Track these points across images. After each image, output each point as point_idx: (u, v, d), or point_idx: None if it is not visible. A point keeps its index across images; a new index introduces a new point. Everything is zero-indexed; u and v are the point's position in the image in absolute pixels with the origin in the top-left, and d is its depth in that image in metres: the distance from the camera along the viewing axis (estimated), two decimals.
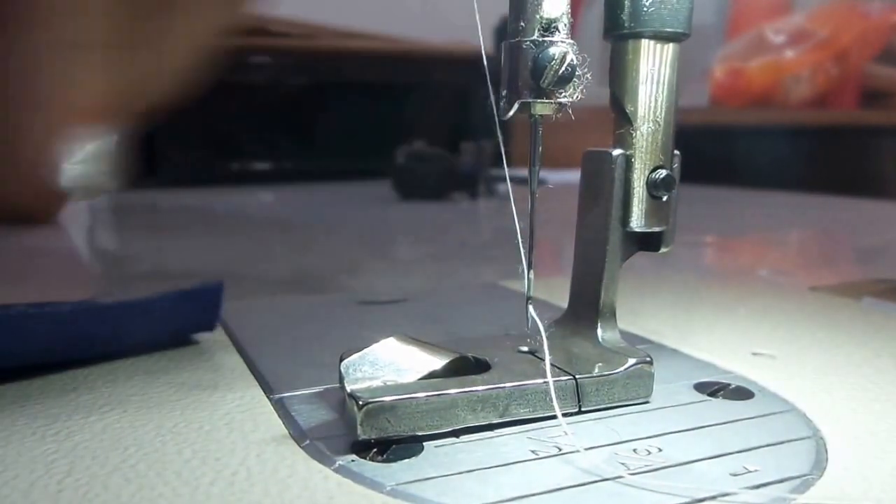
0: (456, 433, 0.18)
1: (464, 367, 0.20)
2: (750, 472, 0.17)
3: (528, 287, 0.21)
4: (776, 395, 0.22)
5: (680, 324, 0.30)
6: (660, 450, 0.18)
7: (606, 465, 0.17)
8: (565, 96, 0.20)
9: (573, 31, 0.20)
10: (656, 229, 0.21)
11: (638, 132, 0.21)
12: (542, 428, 0.19)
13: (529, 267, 0.21)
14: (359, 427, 0.17)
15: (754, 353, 0.25)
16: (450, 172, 0.87)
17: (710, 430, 0.19)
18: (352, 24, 1.19)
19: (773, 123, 1.24)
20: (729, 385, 0.22)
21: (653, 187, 0.21)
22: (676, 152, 0.22)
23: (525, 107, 0.20)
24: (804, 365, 0.24)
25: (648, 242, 0.22)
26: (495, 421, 0.19)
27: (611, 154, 0.21)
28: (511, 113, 0.20)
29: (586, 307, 0.22)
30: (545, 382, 0.19)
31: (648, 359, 0.20)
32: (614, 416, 0.20)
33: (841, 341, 0.27)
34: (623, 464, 0.17)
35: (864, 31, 1.24)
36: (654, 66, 0.21)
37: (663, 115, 0.21)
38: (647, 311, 0.31)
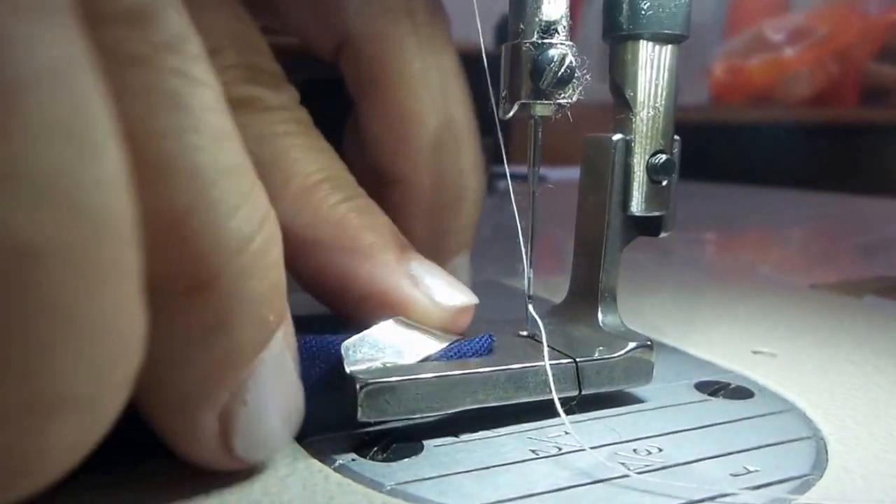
0: (456, 433, 0.18)
1: None
2: (750, 472, 0.17)
3: (527, 285, 0.21)
4: (776, 394, 0.22)
5: (680, 322, 0.30)
6: (660, 450, 0.18)
7: (606, 465, 0.17)
8: (564, 97, 0.20)
9: (573, 32, 0.20)
10: (656, 213, 0.22)
11: (637, 117, 0.21)
12: (542, 428, 0.19)
13: (530, 265, 0.21)
14: (359, 409, 0.17)
15: (754, 352, 0.25)
16: None
17: (710, 429, 0.19)
18: None
19: (773, 121, 1.25)
20: (729, 384, 0.22)
21: (653, 172, 0.21)
22: (676, 137, 0.22)
23: (525, 108, 0.20)
24: (805, 364, 0.24)
25: (648, 227, 0.22)
26: (496, 404, 0.19)
27: (611, 139, 0.21)
28: (511, 114, 0.20)
29: (587, 292, 0.22)
30: (545, 365, 0.19)
31: (649, 343, 0.20)
32: (614, 415, 0.20)
33: (842, 340, 0.27)
34: (623, 464, 0.17)
35: (864, 29, 1.24)
36: (652, 67, 0.21)
37: (663, 100, 0.21)
38: (646, 308, 0.31)
